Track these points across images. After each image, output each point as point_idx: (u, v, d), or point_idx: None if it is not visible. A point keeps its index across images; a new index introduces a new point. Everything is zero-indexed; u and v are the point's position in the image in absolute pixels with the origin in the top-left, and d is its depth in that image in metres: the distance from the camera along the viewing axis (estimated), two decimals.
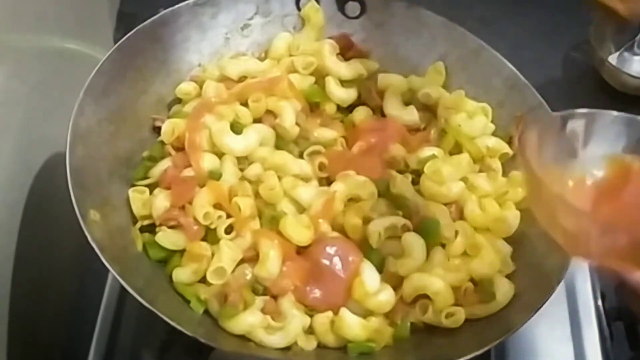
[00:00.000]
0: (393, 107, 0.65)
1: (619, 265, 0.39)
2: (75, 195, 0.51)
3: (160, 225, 0.55)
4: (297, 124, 0.61)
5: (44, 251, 0.65)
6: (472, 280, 0.56)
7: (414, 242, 0.55)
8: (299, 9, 0.68)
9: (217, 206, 0.55)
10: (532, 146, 0.43)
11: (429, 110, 0.66)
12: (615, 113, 0.46)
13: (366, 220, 0.56)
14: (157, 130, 0.62)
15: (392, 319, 0.54)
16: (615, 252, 0.39)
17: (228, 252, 0.53)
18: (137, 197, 0.57)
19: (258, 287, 0.54)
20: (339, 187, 0.57)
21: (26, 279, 0.61)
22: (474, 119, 0.64)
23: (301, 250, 0.55)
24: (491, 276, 0.55)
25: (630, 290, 0.39)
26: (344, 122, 0.65)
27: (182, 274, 0.54)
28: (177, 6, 0.65)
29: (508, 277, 0.56)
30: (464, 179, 0.60)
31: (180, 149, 0.60)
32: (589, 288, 0.63)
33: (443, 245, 0.57)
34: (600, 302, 0.63)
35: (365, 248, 0.55)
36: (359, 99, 0.66)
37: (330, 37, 0.68)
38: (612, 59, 0.86)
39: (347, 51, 0.68)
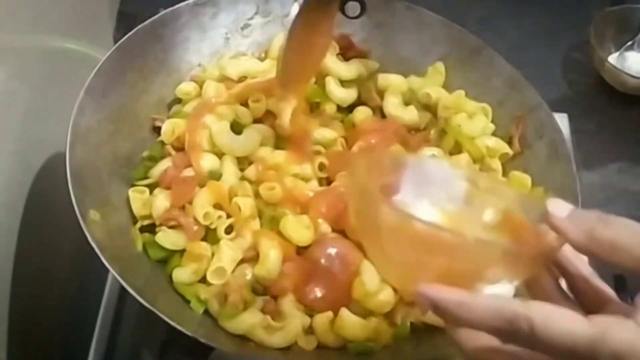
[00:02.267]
0: (393, 107, 0.65)
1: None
2: (75, 195, 0.51)
3: (160, 225, 0.55)
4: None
5: (44, 251, 0.65)
6: None
7: None
8: None
9: (217, 206, 0.55)
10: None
11: (429, 110, 0.66)
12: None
13: None
14: (157, 130, 0.62)
15: (392, 319, 0.54)
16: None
17: (228, 252, 0.53)
18: (137, 197, 0.57)
19: (258, 287, 0.54)
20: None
21: (26, 279, 0.61)
22: (474, 119, 0.64)
23: (301, 251, 0.55)
24: None
25: None
26: (344, 122, 0.65)
27: (182, 274, 0.54)
28: (177, 6, 0.65)
29: None
30: None
31: (180, 149, 0.60)
32: None
33: None
34: None
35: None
36: (359, 99, 0.66)
37: None
38: (612, 59, 0.86)
39: (347, 51, 0.68)
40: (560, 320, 0.30)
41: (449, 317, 0.32)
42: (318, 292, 0.53)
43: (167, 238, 0.55)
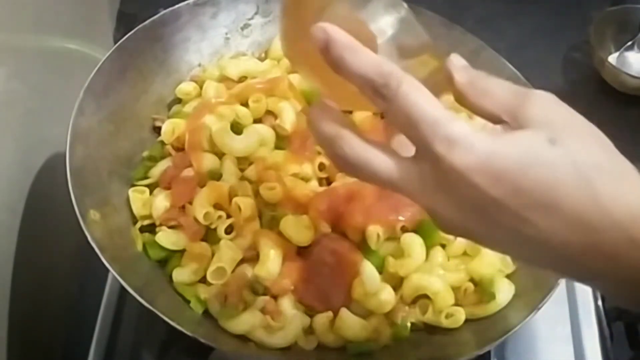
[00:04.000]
0: None
1: None
2: (75, 195, 0.51)
3: (160, 225, 0.55)
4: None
5: (44, 251, 0.65)
6: (472, 280, 0.56)
7: (414, 243, 0.55)
8: None
9: (217, 206, 0.55)
10: None
11: None
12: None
13: None
14: (157, 130, 0.62)
15: (392, 319, 0.54)
16: None
17: (228, 252, 0.53)
18: (137, 197, 0.57)
19: (258, 287, 0.53)
20: None
21: (26, 279, 0.61)
22: (474, 119, 0.64)
23: (301, 250, 0.55)
24: (491, 276, 0.55)
25: None
26: None
27: (182, 274, 0.54)
28: (177, 6, 0.65)
29: (508, 277, 0.56)
30: None
31: (180, 149, 0.60)
32: (589, 288, 0.63)
33: (443, 246, 0.57)
34: (600, 302, 0.63)
35: (365, 248, 0.55)
36: None
37: None
38: (612, 59, 0.86)
39: None
40: (421, 93, 0.33)
41: (335, 60, 0.34)
42: (318, 293, 0.53)
43: (167, 238, 0.55)
